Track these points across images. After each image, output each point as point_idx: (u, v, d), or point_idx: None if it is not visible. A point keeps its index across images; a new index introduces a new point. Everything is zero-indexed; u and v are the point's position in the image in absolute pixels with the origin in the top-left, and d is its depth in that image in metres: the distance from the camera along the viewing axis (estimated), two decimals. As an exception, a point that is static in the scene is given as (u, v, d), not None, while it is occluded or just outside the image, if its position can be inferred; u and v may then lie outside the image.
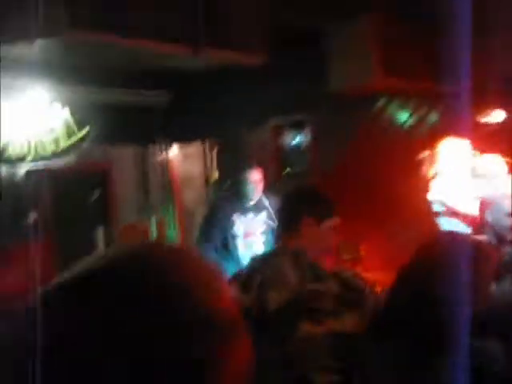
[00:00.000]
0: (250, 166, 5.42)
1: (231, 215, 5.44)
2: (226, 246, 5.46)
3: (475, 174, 4.97)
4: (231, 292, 0.98)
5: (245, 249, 5.43)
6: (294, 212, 2.50)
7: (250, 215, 5.48)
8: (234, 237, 5.44)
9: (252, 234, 5.47)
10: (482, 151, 5.31)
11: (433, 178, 5.23)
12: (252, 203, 5.49)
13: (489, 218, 3.37)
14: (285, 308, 2.05)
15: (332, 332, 2.01)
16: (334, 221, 2.51)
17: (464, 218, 4.79)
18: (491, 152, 5.32)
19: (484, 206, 3.54)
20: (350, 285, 2.15)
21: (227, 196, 6.19)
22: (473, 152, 5.19)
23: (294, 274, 2.17)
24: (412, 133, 7.18)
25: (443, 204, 5.07)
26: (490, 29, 6.38)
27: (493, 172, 4.96)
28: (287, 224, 2.51)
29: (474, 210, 4.81)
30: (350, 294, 2.12)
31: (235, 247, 5.45)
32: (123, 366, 0.80)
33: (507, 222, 3.39)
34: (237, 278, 2.32)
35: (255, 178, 5.35)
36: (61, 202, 7.74)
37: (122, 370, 0.80)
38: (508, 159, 5.27)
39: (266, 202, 5.47)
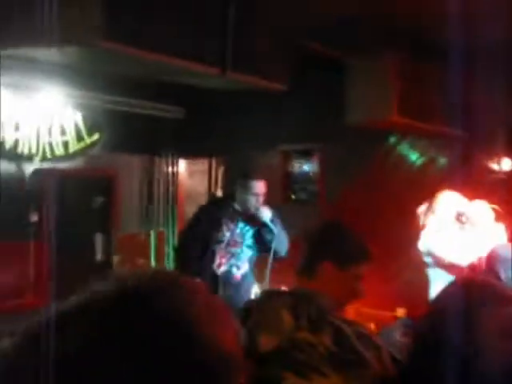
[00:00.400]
0: (256, 177, 5.09)
1: (219, 219, 5.04)
2: (202, 258, 5.04)
3: (462, 222, 5.00)
4: (237, 330, 0.96)
5: (224, 259, 5.05)
6: (314, 252, 2.32)
7: (241, 225, 5.10)
8: (216, 242, 5.03)
9: (237, 243, 5.08)
10: (471, 198, 5.33)
11: (423, 228, 5.23)
12: (246, 215, 5.08)
13: (502, 274, 3.30)
14: (273, 353, 1.96)
15: None
16: (361, 269, 2.29)
17: (451, 268, 4.77)
18: (479, 199, 5.34)
19: (492, 260, 3.51)
20: (349, 344, 1.98)
21: (213, 204, 5.63)
22: (465, 201, 5.21)
23: (292, 319, 2.02)
24: (420, 174, 7.21)
25: (431, 254, 5.07)
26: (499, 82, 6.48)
27: (480, 219, 4.98)
28: (305, 264, 2.32)
29: (461, 260, 4.79)
30: (345, 354, 1.96)
31: (213, 256, 5.03)
32: None
33: None
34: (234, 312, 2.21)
35: (258, 190, 5.01)
36: (64, 205, 7.74)
37: None
38: (495, 206, 5.27)
39: (263, 219, 4.99)
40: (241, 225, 5.09)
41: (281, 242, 5.02)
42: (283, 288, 2.96)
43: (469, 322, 1.70)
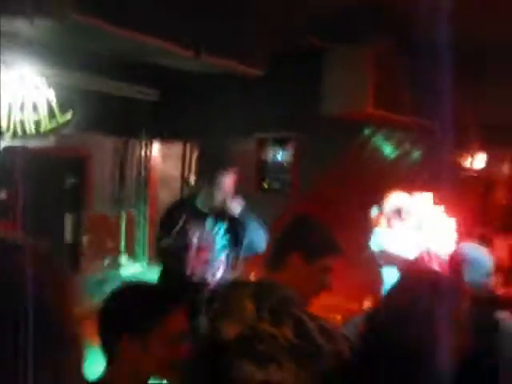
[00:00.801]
0: (226, 168, 4.65)
1: (186, 220, 4.58)
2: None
3: (401, 217, 5.01)
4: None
5: (197, 267, 4.55)
6: (284, 244, 2.30)
7: (209, 226, 4.65)
8: (184, 247, 4.56)
9: (207, 247, 4.62)
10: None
11: (375, 226, 5.23)
12: (214, 210, 4.65)
13: (467, 275, 3.30)
14: (234, 342, 1.97)
15: (270, 381, 1.91)
16: (328, 262, 2.27)
17: (400, 264, 4.79)
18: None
19: (457, 259, 3.50)
20: (310, 337, 1.99)
21: (183, 200, 5.23)
22: (406, 197, 5.20)
23: (254, 309, 2.03)
24: (393, 167, 7.24)
25: (381, 252, 5.09)
26: (480, 78, 6.52)
27: (419, 212, 4.98)
28: (273, 256, 2.30)
29: (408, 254, 4.81)
30: (305, 346, 1.97)
31: (182, 261, 4.55)
32: None
33: (484, 281, 3.33)
34: (198, 299, 2.21)
35: (225, 185, 4.61)
36: (34, 184, 7.63)
37: None
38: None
39: (232, 212, 4.59)
40: (209, 225, 4.63)
41: (258, 236, 4.61)
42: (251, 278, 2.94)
43: (412, 315, 1.72)
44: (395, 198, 5.04)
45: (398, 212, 5.02)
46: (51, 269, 1.00)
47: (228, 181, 4.62)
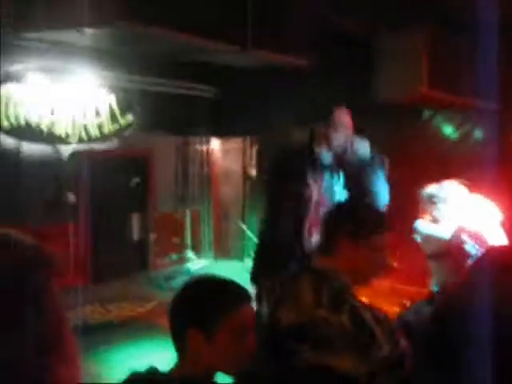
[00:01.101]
0: (341, 108, 3.88)
1: (303, 174, 3.76)
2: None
3: (434, 202, 4.83)
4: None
5: (315, 225, 3.69)
6: (331, 229, 2.25)
7: (326, 177, 3.84)
8: (304, 205, 3.75)
9: (326, 202, 3.78)
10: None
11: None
12: (334, 156, 3.79)
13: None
14: (292, 328, 1.99)
15: (327, 366, 1.93)
16: (380, 240, 2.18)
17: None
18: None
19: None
20: (366, 326, 1.99)
21: (292, 156, 4.04)
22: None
23: (313, 296, 2.03)
24: (455, 148, 7.10)
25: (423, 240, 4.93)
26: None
27: (449, 197, 4.80)
28: (324, 241, 2.26)
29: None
30: (361, 334, 1.96)
31: (301, 224, 3.74)
32: None
33: None
34: (260, 289, 2.23)
35: (346, 122, 3.82)
36: (100, 186, 7.87)
37: None
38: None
39: (356, 155, 3.80)
40: (326, 177, 3.85)
41: (382, 187, 3.87)
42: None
43: (493, 290, 1.71)
44: (431, 186, 4.90)
45: (432, 200, 4.86)
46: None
47: (346, 117, 3.94)
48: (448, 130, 7.26)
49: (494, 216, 4.51)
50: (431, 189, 4.74)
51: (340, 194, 3.85)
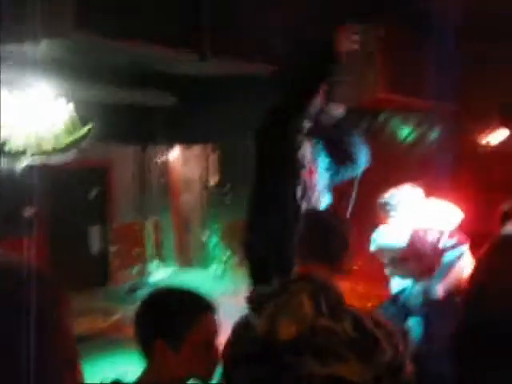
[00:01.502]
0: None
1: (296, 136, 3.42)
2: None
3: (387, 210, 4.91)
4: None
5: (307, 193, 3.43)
6: (304, 251, 2.25)
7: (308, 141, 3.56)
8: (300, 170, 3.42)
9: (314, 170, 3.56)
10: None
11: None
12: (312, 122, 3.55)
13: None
14: (294, 340, 1.94)
15: (335, 376, 1.92)
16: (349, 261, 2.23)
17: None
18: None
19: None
20: (369, 331, 1.99)
21: (285, 114, 3.50)
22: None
23: (311, 305, 1.99)
24: (411, 149, 7.20)
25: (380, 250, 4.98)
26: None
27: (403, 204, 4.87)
28: (319, 247, 2.23)
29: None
30: (365, 340, 1.97)
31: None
32: None
33: None
34: (250, 300, 2.15)
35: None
36: (59, 198, 7.75)
37: None
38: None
39: (332, 119, 3.57)
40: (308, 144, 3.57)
41: (361, 151, 3.65)
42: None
43: None
44: (386, 194, 4.97)
45: (386, 207, 4.93)
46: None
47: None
48: (404, 131, 7.36)
49: (453, 217, 4.58)
50: (385, 196, 4.79)
51: (321, 160, 3.58)
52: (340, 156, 3.56)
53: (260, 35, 4.34)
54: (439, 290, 3.70)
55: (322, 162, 3.58)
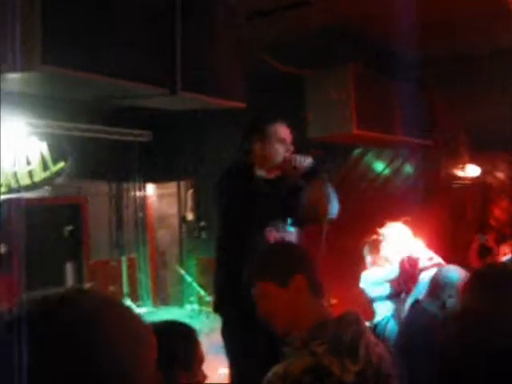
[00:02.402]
0: (277, 121, 3.57)
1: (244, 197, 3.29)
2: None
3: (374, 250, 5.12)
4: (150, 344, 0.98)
5: None
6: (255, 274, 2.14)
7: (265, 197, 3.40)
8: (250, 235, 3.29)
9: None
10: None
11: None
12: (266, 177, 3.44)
13: (445, 299, 3.33)
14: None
15: None
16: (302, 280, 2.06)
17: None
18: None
19: (435, 284, 3.51)
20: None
21: (231, 176, 3.50)
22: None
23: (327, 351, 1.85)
24: (386, 184, 7.25)
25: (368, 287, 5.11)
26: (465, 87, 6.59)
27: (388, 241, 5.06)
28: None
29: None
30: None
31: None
32: None
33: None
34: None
35: (285, 135, 3.47)
36: (33, 235, 7.65)
37: None
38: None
39: (306, 165, 3.39)
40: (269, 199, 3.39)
41: (331, 200, 3.44)
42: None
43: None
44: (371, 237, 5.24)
45: (372, 250, 5.23)
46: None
47: (286, 131, 3.56)
48: (379, 166, 7.42)
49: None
50: (377, 233, 5.00)
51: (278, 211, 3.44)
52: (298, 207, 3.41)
53: (230, 69, 4.38)
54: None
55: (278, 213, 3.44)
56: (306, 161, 3.37)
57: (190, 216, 9.12)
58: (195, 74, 3.92)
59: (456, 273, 3.39)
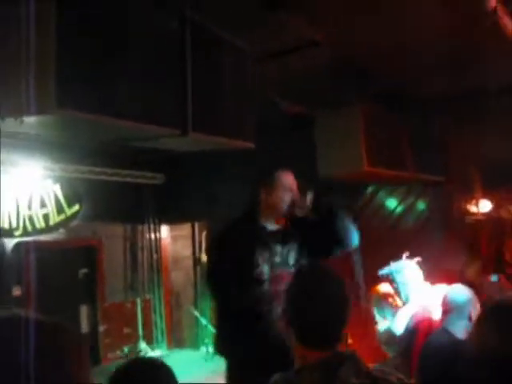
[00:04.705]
0: (283, 170, 3.63)
1: (250, 246, 3.40)
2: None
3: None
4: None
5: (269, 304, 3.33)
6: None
7: (277, 247, 3.48)
8: (259, 281, 3.35)
9: (282, 277, 3.35)
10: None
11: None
12: (274, 228, 3.53)
13: (455, 319, 3.35)
14: None
15: None
16: None
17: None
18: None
19: (445, 305, 3.50)
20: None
21: (236, 229, 3.58)
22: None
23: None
24: (400, 221, 7.24)
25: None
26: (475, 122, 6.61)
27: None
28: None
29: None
30: None
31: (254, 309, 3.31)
32: None
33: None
34: None
35: (291, 185, 3.56)
36: (47, 278, 7.68)
37: None
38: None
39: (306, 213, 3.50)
40: (276, 247, 3.51)
41: (348, 228, 3.55)
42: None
43: None
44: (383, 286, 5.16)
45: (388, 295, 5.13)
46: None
47: (289, 178, 3.63)
48: (392, 203, 7.42)
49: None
50: (387, 268, 4.94)
51: (292, 258, 3.54)
52: (318, 247, 3.49)
53: (235, 115, 4.44)
54: None
55: (291, 260, 3.51)
56: (308, 198, 3.51)
57: (204, 257, 9.12)
58: (206, 115, 3.99)
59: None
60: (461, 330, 3.39)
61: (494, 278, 6.00)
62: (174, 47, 3.80)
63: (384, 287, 5.12)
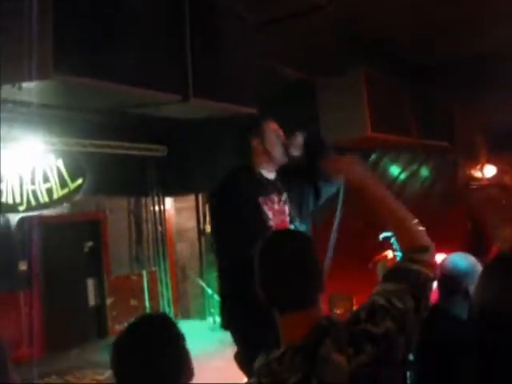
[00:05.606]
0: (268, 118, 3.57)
1: (254, 198, 3.28)
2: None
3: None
4: None
5: None
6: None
7: (274, 197, 3.38)
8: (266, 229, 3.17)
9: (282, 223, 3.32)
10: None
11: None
12: (271, 177, 3.44)
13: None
14: None
15: None
16: None
17: None
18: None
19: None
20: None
21: (237, 179, 3.50)
22: None
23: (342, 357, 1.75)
24: (403, 188, 7.21)
25: None
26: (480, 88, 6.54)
27: None
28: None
29: None
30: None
31: None
32: None
33: None
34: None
35: (279, 131, 3.50)
36: (53, 252, 7.71)
37: None
38: None
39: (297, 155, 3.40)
40: (273, 197, 3.39)
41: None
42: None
43: None
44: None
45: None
46: None
47: (274, 125, 3.54)
48: (395, 170, 7.39)
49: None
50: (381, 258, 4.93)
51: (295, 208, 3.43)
52: (317, 173, 3.32)
53: (237, 81, 4.38)
54: None
55: (294, 211, 3.40)
56: (298, 139, 3.42)
57: (208, 229, 9.12)
58: (207, 81, 3.95)
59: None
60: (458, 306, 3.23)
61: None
62: (172, 12, 3.75)
63: (390, 253, 5.14)
